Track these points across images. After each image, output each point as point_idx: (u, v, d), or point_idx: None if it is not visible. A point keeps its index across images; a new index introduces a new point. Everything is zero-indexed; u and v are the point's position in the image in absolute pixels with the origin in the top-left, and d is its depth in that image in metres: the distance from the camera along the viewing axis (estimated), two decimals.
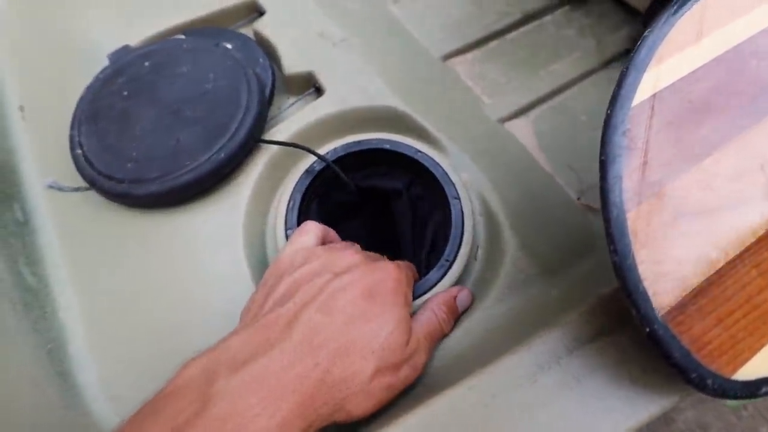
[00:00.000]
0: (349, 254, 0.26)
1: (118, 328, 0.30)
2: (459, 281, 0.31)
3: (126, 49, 0.39)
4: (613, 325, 0.22)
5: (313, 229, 0.29)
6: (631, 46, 0.49)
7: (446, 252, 0.31)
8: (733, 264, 0.18)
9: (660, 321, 0.17)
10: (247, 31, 0.43)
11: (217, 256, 0.32)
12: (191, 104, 0.34)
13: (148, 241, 0.33)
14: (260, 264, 0.33)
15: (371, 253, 0.30)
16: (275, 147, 0.35)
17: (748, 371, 0.18)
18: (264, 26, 0.41)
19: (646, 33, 0.19)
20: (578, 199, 0.37)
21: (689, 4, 0.20)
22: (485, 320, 0.29)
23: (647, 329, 0.17)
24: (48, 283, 0.32)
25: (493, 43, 0.48)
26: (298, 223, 0.32)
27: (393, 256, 0.30)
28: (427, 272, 0.31)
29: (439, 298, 0.28)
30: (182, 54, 0.37)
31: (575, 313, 0.22)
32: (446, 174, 0.34)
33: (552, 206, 0.36)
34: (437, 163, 0.34)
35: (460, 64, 0.48)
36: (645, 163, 0.18)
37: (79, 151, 0.33)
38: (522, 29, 0.49)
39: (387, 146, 0.35)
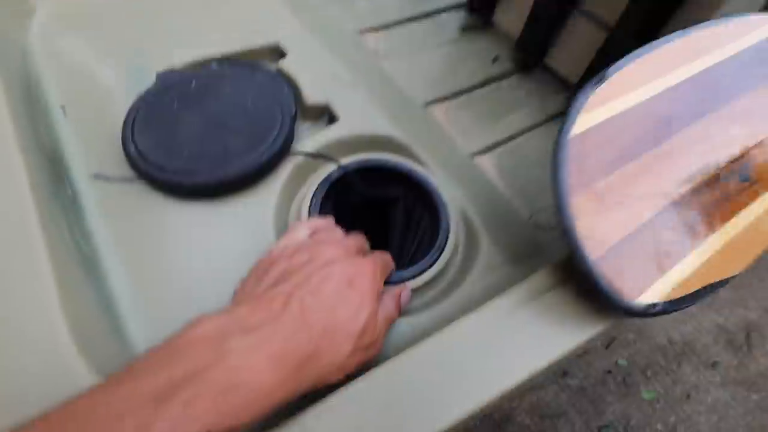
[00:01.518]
0: (332, 249, 0.30)
1: (163, 300, 0.34)
2: (445, 267, 0.40)
3: (173, 70, 0.46)
4: (562, 282, 0.30)
5: (302, 228, 0.34)
6: (566, 107, 0.63)
7: (437, 244, 0.40)
8: (633, 234, 0.28)
9: (591, 263, 0.26)
10: (271, 68, 0.51)
11: (251, 240, 0.37)
12: (235, 118, 0.40)
13: (191, 226, 0.37)
14: None
15: (355, 238, 0.34)
16: (299, 158, 0.43)
17: (644, 298, 0.27)
18: (287, 65, 0.49)
19: (584, 87, 0.30)
20: (529, 218, 0.48)
21: (612, 72, 0.32)
22: (468, 293, 0.36)
23: (584, 270, 0.26)
24: (98, 255, 0.36)
25: (463, 97, 0.60)
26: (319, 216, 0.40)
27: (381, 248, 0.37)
28: (418, 262, 0.39)
29: (389, 292, 0.32)
30: (224, 78, 0.43)
31: (536, 274, 0.31)
32: (435, 188, 0.43)
33: (510, 222, 0.46)
34: (428, 180, 0.43)
35: (437, 110, 0.58)
36: (580, 169, 0.28)
37: (133, 147, 0.39)
38: (485, 88, 0.61)
39: (391, 164, 0.44)
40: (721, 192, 0.31)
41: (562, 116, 0.61)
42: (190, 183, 0.37)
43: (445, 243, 0.39)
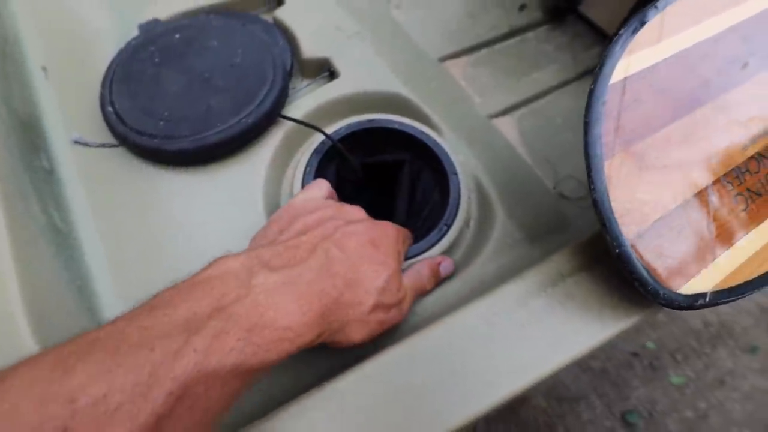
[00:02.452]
0: (356, 210, 0.30)
1: (142, 275, 0.32)
2: (454, 244, 0.35)
3: (156, 21, 0.42)
4: (588, 264, 0.26)
5: (324, 185, 0.33)
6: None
7: (445, 217, 0.35)
8: (680, 208, 0.23)
9: (627, 243, 0.22)
10: (267, 18, 0.46)
11: (239, 212, 0.34)
12: (221, 74, 0.36)
13: (174, 196, 0.34)
14: None
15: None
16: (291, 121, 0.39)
17: (689, 287, 0.22)
18: (284, 14, 0.44)
19: (620, 32, 0.25)
20: (554, 187, 0.43)
21: (653, 14, 0.26)
22: (479, 274, 0.32)
23: (617, 250, 0.22)
24: (74, 228, 0.33)
25: (483, 51, 0.53)
26: None
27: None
28: (425, 236, 0.35)
29: (425, 261, 0.32)
30: (211, 30, 0.39)
31: (557, 254, 0.27)
32: (446, 153, 0.38)
33: (531, 192, 0.40)
34: (439, 144, 0.39)
35: (454, 66, 0.53)
36: (618, 127, 0.23)
37: (111, 109, 0.35)
38: (508, 41, 0.54)
39: (395, 125, 0.38)
40: None
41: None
42: (170, 149, 0.33)
43: (455, 216, 0.35)
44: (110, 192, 0.35)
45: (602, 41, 0.55)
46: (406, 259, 0.33)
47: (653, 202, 0.22)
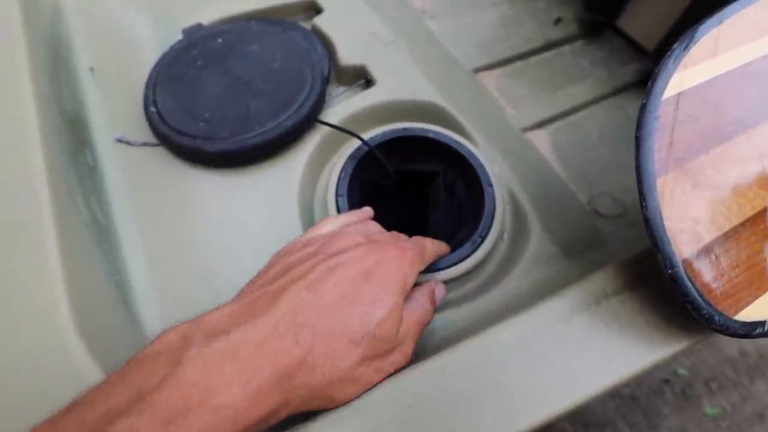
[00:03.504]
0: (349, 237, 0.25)
1: (177, 271, 0.32)
2: (488, 256, 0.35)
3: (200, 26, 0.42)
4: (634, 283, 0.24)
5: (330, 223, 0.29)
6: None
7: (479, 229, 0.35)
8: (736, 230, 0.22)
9: (680, 265, 0.21)
10: (305, 26, 0.47)
11: (274, 214, 0.34)
12: (261, 78, 0.36)
13: (211, 196, 0.35)
14: (309, 224, 0.36)
15: (393, 233, 0.30)
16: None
17: (746, 314, 0.21)
18: (322, 22, 0.44)
19: (674, 47, 0.24)
20: (588, 204, 0.42)
21: (707, 28, 0.25)
22: (514, 288, 0.31)
23: (669, 271, 0.21)
24: (113, 223, 0.34)
25: (518, 63, 0.53)
26: (349, 191, 0.35)
27: (421, 235, 0.33)
28: (458, 248, 0.34)
29: (422, 290, 0.26)
30: (252, 35, 0.40)
31: (599, 272, 0.26)
32: (481, 164, 0.38)
33: (564, 207, 0.39)
34: (474, 154, 0.38)
35: (487, 78, 0.52)
36: (671, 142, 0.22)
37: (153, 109, 0.36)
38: (543, 54, 0.54)
39: (430, 134, 0.37)
40: None
41: (632, 89, 0.53)
42: (210, 150, 0.34)
43: (489, 228, 0.34)
44: (149, 189, 0.36)
45: (640, 56, 0.54)
46: (438, 270, 0.33)
47: (708, 222, 0.21)
